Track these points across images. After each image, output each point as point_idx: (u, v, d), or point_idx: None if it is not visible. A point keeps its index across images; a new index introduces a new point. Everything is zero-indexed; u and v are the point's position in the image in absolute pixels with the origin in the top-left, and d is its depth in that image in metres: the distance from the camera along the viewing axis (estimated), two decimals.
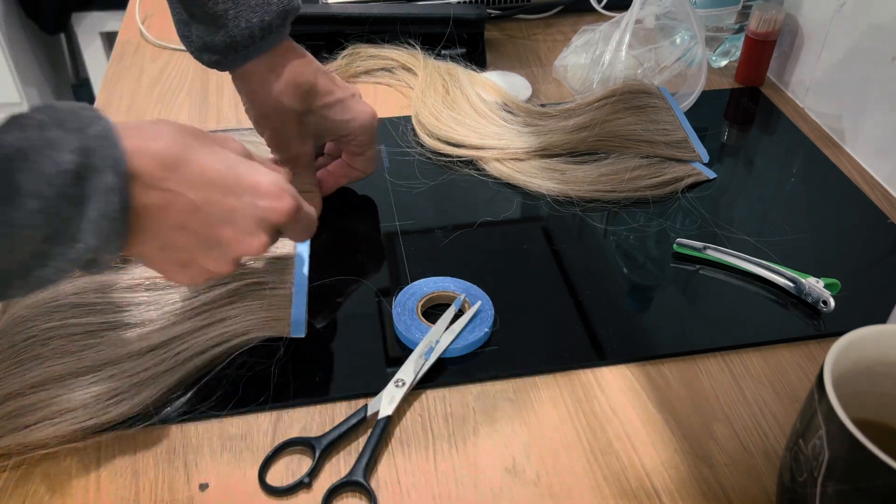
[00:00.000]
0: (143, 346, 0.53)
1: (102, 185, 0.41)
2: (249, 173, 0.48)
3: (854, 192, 0.73)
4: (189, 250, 0.47)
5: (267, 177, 0.49)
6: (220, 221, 0.47)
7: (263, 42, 0.57)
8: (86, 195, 0.41)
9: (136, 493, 0.47)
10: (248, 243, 0.48)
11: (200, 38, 0.57)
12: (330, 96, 0.62)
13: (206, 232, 0.47)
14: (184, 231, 0.46)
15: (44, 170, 0.39)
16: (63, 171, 0.40)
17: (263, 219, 0.48)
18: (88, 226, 0.41)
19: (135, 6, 1.05)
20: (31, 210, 0.39)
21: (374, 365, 0.55)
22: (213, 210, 0.46)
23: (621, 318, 0.59)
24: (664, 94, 0.80)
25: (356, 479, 0.47)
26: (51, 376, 0.51)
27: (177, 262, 0.48)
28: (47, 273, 0.41)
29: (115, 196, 0.42)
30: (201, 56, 0.59)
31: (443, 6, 0.94)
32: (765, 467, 0.49)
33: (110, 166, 0.41)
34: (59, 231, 0.40)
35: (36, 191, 0.39)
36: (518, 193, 0.72)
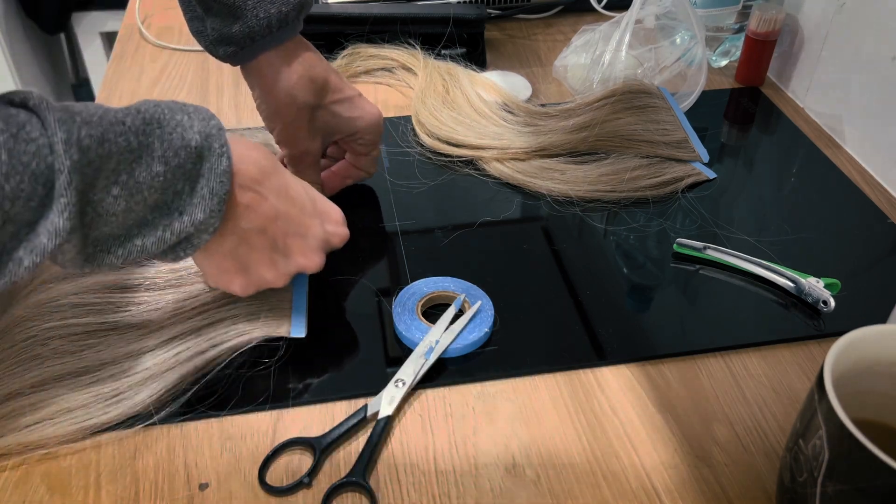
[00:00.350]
0: (142, 346, 0.54)
1: (217, 167, 0.45)
2: (321, 200, 0.55)
3: (854, 192, 0.73)
4: (258, 254, 0.51)
5: (334, 206, 0.56)
6: (294, 233, 0.52)
7: (280, 33, 0.58)
8: (201, 173, 0.45)
9: (136, 493, 0.47)
10: (311, 258, 0.53)
11: (216, 31, 0.58)
12: (340, 93, 0.63)
13: (281, 240, 0.51)
14: (261, 234, 0.50)
15: (173, 140, 0.43)
16: (188, 146, 0.44)
17: (327, 241, 0.55)
18: (198, 201, 0.44)
19: (135, 6, 1.05)
20: (155, 174, 0.42)
21: (374, 365, 0.55)
22: (291, 222, 0.52)
23: (621, 318, 0.59)
24: (664, 94, 0.80)
25: (356, 479, 0.47)
26: (50, 376, 0.51)
27: (238, 266, 0.51)
28: (147, 243, 0.44)
29: (226, 179, 0.46)
30: (216, 49, 0.59)
31: (443, 6, 0.94)
32: (765, 467, 0.49)
33: (225, 154, 0.46)
34: (168, 202, 0.44)
35: (164, 156, 0.43)
36: (518, 193, 0.72)
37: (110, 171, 0.40)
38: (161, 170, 0.42)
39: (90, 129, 0.39)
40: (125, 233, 0.43)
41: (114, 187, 0.41)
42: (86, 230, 0.41)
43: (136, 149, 0.41)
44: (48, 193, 0.38)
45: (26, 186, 0.36)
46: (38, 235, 0.38)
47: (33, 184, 0.37)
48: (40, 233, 0.38)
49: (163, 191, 0.43)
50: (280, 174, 0.51)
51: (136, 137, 0.41)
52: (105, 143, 0.40)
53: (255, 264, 0.51)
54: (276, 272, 0.52)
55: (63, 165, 0.38)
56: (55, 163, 0.37)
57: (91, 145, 0.39)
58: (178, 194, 0.44)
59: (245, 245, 0.50)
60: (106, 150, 0.40)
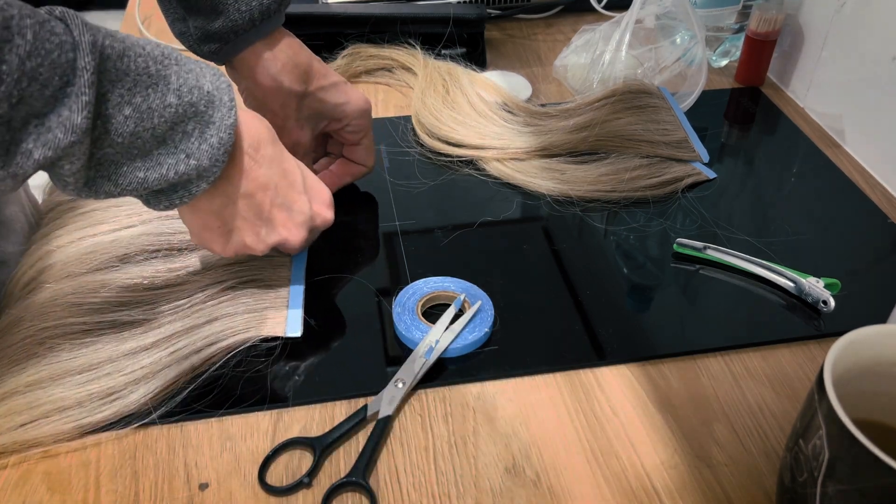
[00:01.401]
0: (138, 344, 0.54)
1: (227, 119, 0.47)
2: (312, 179, 0.57)
3: (854, 192, 0.73)
4: (242, 218, 0.52)
5: (324, 187, 0.57)
6: (280, 204, 0.53)
7: (263, 26, 0.59)
8: (212, 120, 0.46)
9: (136, 493, 0.47)
10: (292, 233, 0.54)
11: (199, 30, 0.58)
12: (325, 79, 0.64)
13: (266, 208, 0.52)
14: (248, 200, 0.51)
15: (188, 79, 0.45)
16: (200, 88, 0.45)
17: (312, 219, 0.56)
18: (206, 148, 0.46)
19: (135, 6, 1.05)
20: (168, 104, 0.43)
21: (374, 365, 0.55)
22: (279, 193, 0.53)
23: (621, 318, 0.59)
24: (664, 93, 0.80)
25: (356, 479, 0.47)
26: (47, 374, 0.51)
27: (222, 227, 0.52)
28: (149, 176, 0.44)
29: (233, 133, 0.47)
30: (200, 48, 0.60)
31: (443, 6, 0.94)
32: (765, 467, 0.49)
33: (234, 109, 0.47)
34: (176, 142, 0.45)
35: (178, 90, 0.44)
36: (518, 193, 0.72)
37: (125, 90, 0.41)
38: (174, 102, 0.44)
39: (113, 41, 0.41)
40: (128, 161, 0.44)
41: (126, 107, 0.42)
42: (93, 147, 0.41)
43: (154, 75, 0.43)
44: (63, 88, 0.38)
45: (45, 71, 0.37)
46: (52, 130, 0.38)
47: (51, 72, 0.37)
48: (54, 127, 0.38)
49: (172, 125, 0.44)
50: (277, 146, 0.53)
51: (155, 64, 0.43)
52: (125, 59, 0.41)
53: (238, 228, 0.52)
54: (257, 239, 0.53)
55: (87, 64, 0.39)
56: (78, 60, 0.38)
57: (112, 56, 0.40)
58: (187, 135, 0.45)
59: (232, 207, 0.51)
60: (125, 66, 0.41)
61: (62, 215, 0.65)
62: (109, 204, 0.65)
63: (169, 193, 0.47)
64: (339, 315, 0.60)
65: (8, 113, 0.37)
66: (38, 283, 0.58)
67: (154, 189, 0.46)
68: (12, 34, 0.36)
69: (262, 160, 0.51)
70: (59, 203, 0.66)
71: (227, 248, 0.54)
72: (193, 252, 0.61)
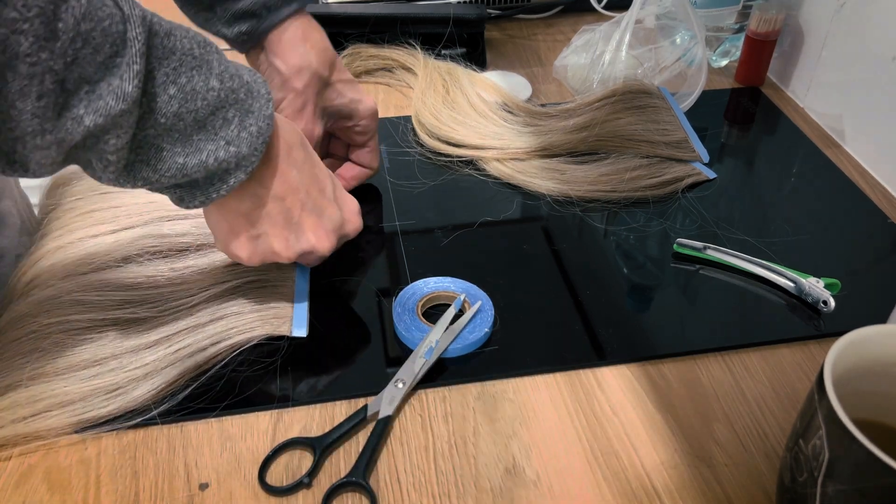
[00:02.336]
0: (142, 341, 0.54)
1: (265, 110, 0.47)
2: (341, 187, 0.56)
3: (854, 192, 0.73)
4: (271, 222, 0.51)
5: (352, 197, 0.57)
6: (310, 210, 0.52)
7: (294, 3, 0.60)
8: (251, 109, 0.46)
9: (136, 493, 0.47)
10: (321, 239, 0.53)
11: (229, 11, 0.59)
12: (345, 73, 0.65)
13: (297, 213, 0.52)
14: (279, 203, 0.51)
15: (228, 67, 0.45)
16: (240, 76, 0.46)
17: (341, 227, 0.55)
18: (245, 136, 0.46)
19: None
20: (210, 87, 0.43)
21: (374, 365, 0.55)
22: (310, 198, 0.52)
23: (621, 318, 0.59)
24: (664, 94, 0.80)
25: (356, 479, 0.47)
26: (51, 369, 0.51)
27: (250, 231, 0.51)
28: (188, 162, 0.44)
29: (271, 124, 0.47)
30: (230, 29, 0.60)
31: (443, 6, 0.94)
32: (765, 467, 0.49)
33: (271, 101, 0.48)
34: (217, 128, 0.45)
35: (221, 75, 0.44)
36: (518, 193, 0.72)
37: (171, 69, 0.42)
38: (216, 86, 0.44)
39: (160, 19, 0.42)
40: (168, 146, 0.43)
41: (171, 86, 0.42)
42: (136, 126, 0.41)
43: (198, 57, 0.43)
44: (113, 57, 0.38)
45: (97, 36, 0.38)
46: (103, 97, 0.38)
47: (103, 38, 0.38)
48: (105, 94, 0.38)
49: (214, 110, 0.44)
50: (308, 150, 0.52)
51: (199, 48, 0.43)
52: (171, 38, 0.42)
53: (266, 232, 0.51)
54: (286, 245, 0.52)
55: (138, 35, 0.39)
56: (128, 32, 0.39)
57: (160, 32, 0.41)
58: (227, 122, 0.45)
59: (261, 209, 0.50)
60: (171, 44, 0.42)
61: (63, 215, 0.65)
62: (110, 205, 0.65)
63: (205, 186, 0.47)
64: (339, 315, 0.60)
65: (62, 72, 0.37)
66: (40, 281, 0.58)
67: (192, 178, 0.45)
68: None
69: (293, 162, 0.51)
70: (60, 203, 0.66)
71: (253, 255, 0.52)
72: (196, 253, 0.61)
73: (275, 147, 0.49)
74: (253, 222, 0.51)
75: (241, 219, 0.51)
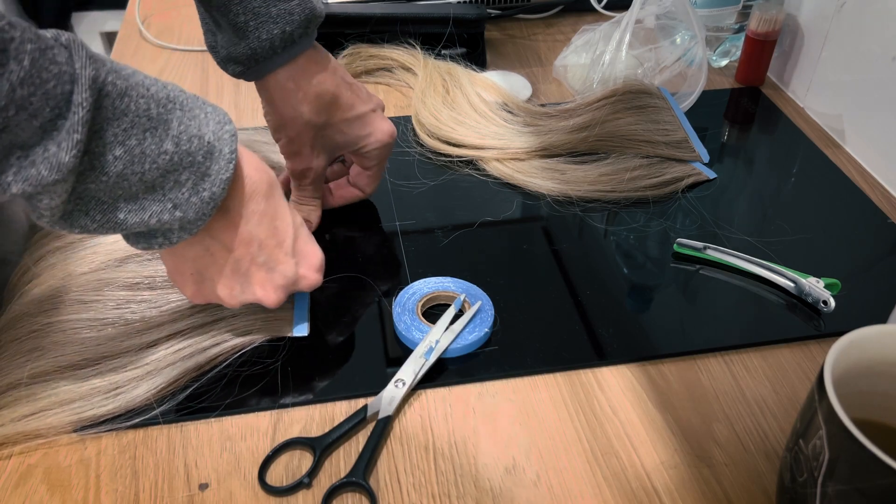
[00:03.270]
0: (143, 341, 0.54)
1: (222, 173, 0.44)
2: (304, 241, 0.53)
3: (854, 192, 0.73)
4: (217, 270, 0.49)
5: (316, 250, 0.53)
6: (261, 263, 0.50)
7: (285, 53, 0.56)
8: (207, 173, 0.44)
9: (136, 493, 0.47)
10: (268, 293, 0.51)
11: (225, 49, 0.57)
12: (350, 111, 0.61)
13: (245, 264, 0.49)
14: (229, 253, 0.49)
15: (190, 127, 0.42)
16: (201, 137, 0.43)
17: (294, 282, 0.52)
18: (195, 200, 0.43)
19: (134, 6, 1.05)
20: (163, 151, 0.41)
21: (374, 365, 0.55)
22: (263, 252, 0.50)
23: (621, 318, 0.59)
24: (664, 94, 0.80)
25: (356, 480, 0.47)
26: (51, 367, 0.52)
27: (197, 274, 0.50)
28: (129, 219, 0.42)
29: (225, 189, 0.45)
30: (227, 67, 0.58)
31: (443, 6, 0.94)
32: (765, 467, 0.49)
33: (233, 162, 0.45)
34: (166, 190, 0.42)
35: (177, 137, 0.42)
36: (518, 193, 0.72)
37: (121, 130, 0.39)
38: (171, 149, 0.41)
39: (116, 78, 0.39)
40: (111, 200, 0.41)
41: (118, 147, 0.39)
42: (75, 181, 0.39)
43: (154, 118, 0.41)
44: (53, 120, 0.36)
45: (36, 101, 0.35)
46: (35, 165, 0.36)
47: (43, 102, 0.35)
48: (38, 162, 0.36)
49: (164, 173, 0.42)
50: (271, 201, 0.49)
51: (157, 107, 0.41)
52: (125, 99, 0.39)
53: (211, 279, 0.50)
54: (230, 294, 0.51)
55: (84, 100, 0.36)
56: (74, 94, 0.36)
57: (112, 94, 0.38)
58: (179, 185, 0.43)
59: (210, 258, 0.49)
60: (124, 106, 0.39)
61: None
62: None
63: (148, 237, 0.45)
64: (339, 315, 0.60)
65: None
66: (40, 281, 0.58)
67: (132, 231, 0.44)
68: (8, 58, 0.34)
69: (251, 215, 0.48)
70: None
71: (196, 295, 0.51)
72: None
73: (234, 198, 0.47)
74: (198, 267, 0.49)
75: (188, 262, 0.49)
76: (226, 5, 0.54)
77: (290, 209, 0.52)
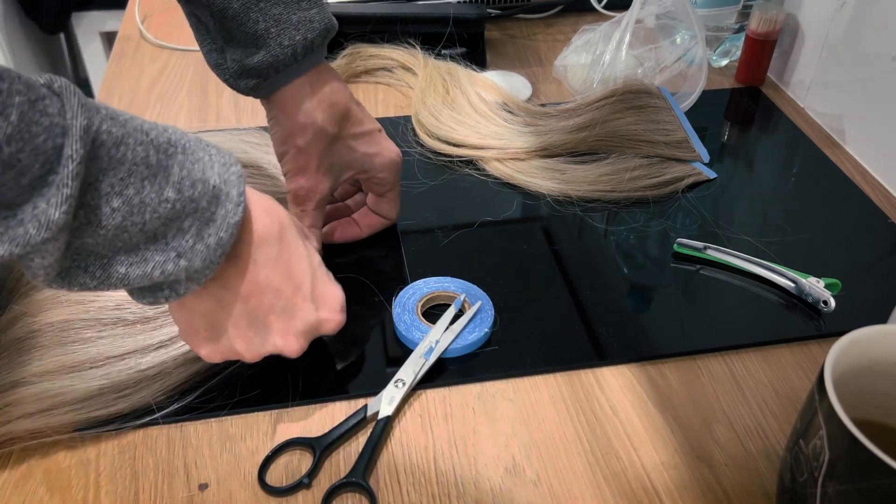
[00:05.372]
0: (147, 343, 0.54)
1: (230, 217, 0.42)
2: (324, 282, 0.50)
3: (854, 192, 0.73)
4: (232, 323, 0.47)
5: (336, 291, 0.51)
6: (279, 310, 0.47)
7: (305, 61, 0.55)
8: (212, 218, 0.41)
9: (136, 493, 0.47)
10: (289, 343, 0.49)
11: (237, 63, 0.54)
12: (360, 126, 0.59)
13: (263, 313, 0.47)
14: (243, 303, 0.46)
15: (193, 171, 0.40)
16: (205, 182, 0.40)
17: (315, 327, 0.50)
18: (201, 248, 0.41)
19: (134, 6, 1.05)
20: (164, 199, 0.38)
21: (374, 365, 0.55)
22: (280, 298, 0.47)
23: (621, 318, 0.59)
24: (664, 93, 0.80)
25: (356, 480, 0.47)
26: (56, 366, 0.51)
27: (209, 330, 0.47)
28: (131, 273, 0.39)
29: (235, 232, 0.42)
30: (238, 83, 0.56)
31: (443, 6, 0.94)
32: (765, 467, 0.49)
33: (242, 204, 0.42)
34: (168, 238, 0.40)
35: (179, 184, 0.39)
36: (518, 193, 0.72)
37: (117, 180, 0.37)
38: (172, 196, 0.39)
39: (112, 125, 0.36)
40: (110, 254, 0.39)
41: (116, 198, 0.37)
42: (71, 236, 0.37)
43: (154, 165, 0.38)
44: (43, 176, 0.33)
45: (25, 158, 0.32)
46: (24, 224, 0.33)
47: (32, 158, 0.33)
48: (26, 221, 0.33)
49: (166, 222, 0.39)
50: (286, 243, 0.47)
51: (157, 153, 0.38)
52: (122, 147, 0.37)
53: (227, 333, 0.47)
54: (248, 347, 0.48)
55: (75, 153, 0.34)
56: (66, 148, 0.34)
57: (108, 142, 0.36)
58: (182, 232, 0.40)
59: (223, 311, 0.46)
60: (121, 154, 0.37)
61: None
62: None
63: (153, 290, 0.42)
64: None
65: None
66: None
67: (136, 286, 0.41)
68: None
69: (265, 260, 0.46)
70: None
71: (212, 354, 0.48)
72: None
73: (244, 244, 0.45)
74: (212, 322, 0.47)
75: (200, 317, 0.46)
76: (244, 13, 0.52)
77: (306, 248, 0.49)
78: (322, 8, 0.55)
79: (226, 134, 0.77)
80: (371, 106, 0.86)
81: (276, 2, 0.52)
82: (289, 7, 0.53)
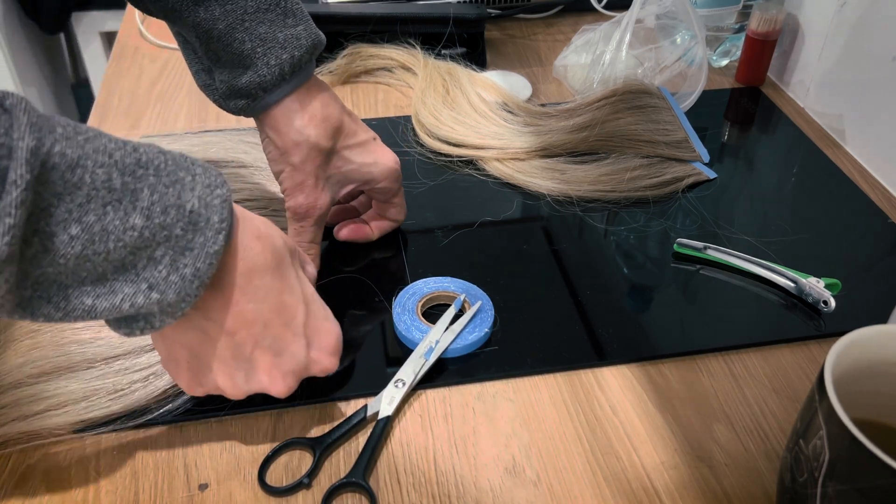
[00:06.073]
0: (144, 343, 0.54)
1: (209, 246, 0.38)
2: (319, 318, 0.47)
3: (854, 192, 0.73)
4: (216, 356, 0.44)
5: (331, 328, 0.48)
6: (267, 347, 0.45)
7: (293, 79, 0.54)
8: (189, 247, 0.38)
9: (136, 494, 0.47)
10: (275, 382, 0.46)
11: (225, 84, 0.54)
12: (354, 137, 0.59)
13: (248, 349, 0.44)
14: (228, 336, 0.43)
15: (166, 195, 0.37)
16: (180, 208, 0.37)
17: (305, 367, 0.47)
18: (175, 279, 0.37)
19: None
20: (130, 226, 0.35)
21: (374, 365, 0.55)
22: (269, 333, 0.44)
23: (621, 318, 0.59)
24: (664, 93, 0.80)
25: (356, 480, 0.47)
26: (53, 367, 0.52)
27: (193, 360, 0.45)
28: (98, 305, 0.36)
29: (215, 262, 0.39)
30: (227, 104, 0.55)
31: (443, 6, 0.94)
32: (765, 467, 0.49)
33: (223, 232, 0.39)
34: (138, 269, 0.37)
35: (148, 209, 0.36)
36: (518, 193, 0.72)
37: (76, 206, 0.33)
38: (139, 224, 0.35)
39: (67, 146, 0.33)
40: (74, 284, 0.36)
41: (74, 225, 0.34)
42: (26, 265, 0.33)
43: (118, 189, 0.35)
44: None
45: None
46: None
47: None
48: None
49: (134, 251, 0.36)
50: (279, 273, 0.44)
51: (122, 176, 0.35)
52: (78, 169, 0.33)
53: (209, 367, 0.44)
54: (232, 384, 0.45)
55: (20, 178, 0.30)
56: (10, 172, 0.30)
57: (60, 165, 0.33)
58: (154, 262, 0.37)
59: (207, 343, 0.43)
60: (77, 178, 0.33)
61: None
62: None
63: (129, 322, 0.40)
64: (339, 315, 0.59)
65: None
66: None
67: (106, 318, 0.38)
68: None
69: (254, 291, 0.43)
70: None
71: (192, 385, 0.46)
72: None
73: (229, 273, 0.41)
74: (195, 355, 0.44)
75: (182, 349, 0.44)
76: (229, 34, 0.51)
77: (300, 279, 0.47)
78: (308, 24, 0.54)
79: (226, 134, 0.77)
80: (371, 106, 0.86)
81: (261, 20, 0.51)
82: (275, 25, 0.52)
